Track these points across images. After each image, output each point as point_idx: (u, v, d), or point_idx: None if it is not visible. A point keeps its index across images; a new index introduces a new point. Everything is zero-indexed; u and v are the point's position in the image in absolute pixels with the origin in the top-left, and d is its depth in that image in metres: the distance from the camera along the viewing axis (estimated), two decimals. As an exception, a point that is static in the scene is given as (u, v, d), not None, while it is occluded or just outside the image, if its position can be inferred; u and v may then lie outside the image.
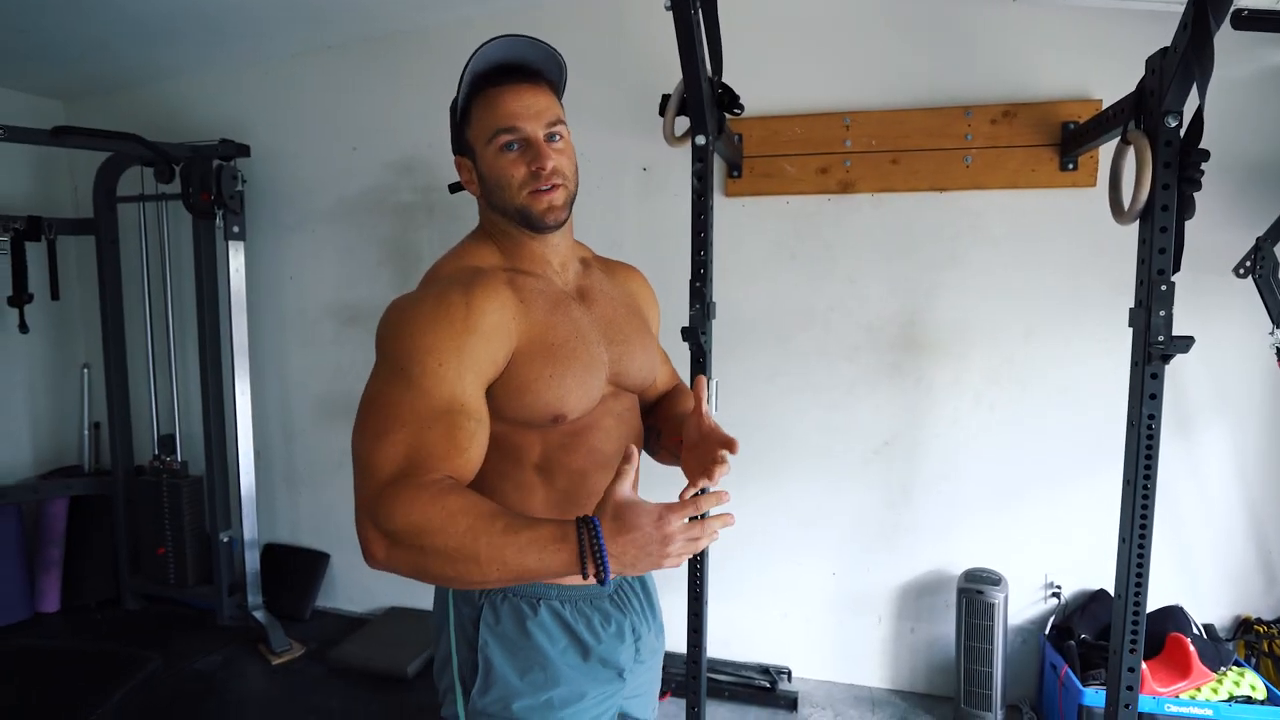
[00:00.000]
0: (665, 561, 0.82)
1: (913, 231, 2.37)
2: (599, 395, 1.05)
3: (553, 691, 1.02)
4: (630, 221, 2.59)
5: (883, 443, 2.46)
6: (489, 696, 1.02)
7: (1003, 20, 2.21)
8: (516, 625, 1.02)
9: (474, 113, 1.00)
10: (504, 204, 1.00)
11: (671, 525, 0.81)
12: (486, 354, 0.93)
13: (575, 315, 1.04)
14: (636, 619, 1.13)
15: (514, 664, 1.02)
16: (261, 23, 2.64)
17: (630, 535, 0.80)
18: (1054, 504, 2.33)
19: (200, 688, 2.54)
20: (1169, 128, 1.53)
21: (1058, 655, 2.18)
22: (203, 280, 2.88)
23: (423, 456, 0.87)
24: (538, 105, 0.98)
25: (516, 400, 0.97)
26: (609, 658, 1.07)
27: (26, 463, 3.30)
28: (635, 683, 1.16)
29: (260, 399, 3.07)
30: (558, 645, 1.04)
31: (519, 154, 0.98)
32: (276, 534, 3.23)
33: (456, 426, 0.89)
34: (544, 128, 0.98)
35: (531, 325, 0.98)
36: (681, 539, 0.81)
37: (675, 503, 0.83)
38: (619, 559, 0.80)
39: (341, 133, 2.92)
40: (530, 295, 1.00)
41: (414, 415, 0.88)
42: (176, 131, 2.97)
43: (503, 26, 2.60)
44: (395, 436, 0.88)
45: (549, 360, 0.98)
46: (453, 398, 0.90)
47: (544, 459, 1.03)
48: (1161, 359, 1.58)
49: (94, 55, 2.85)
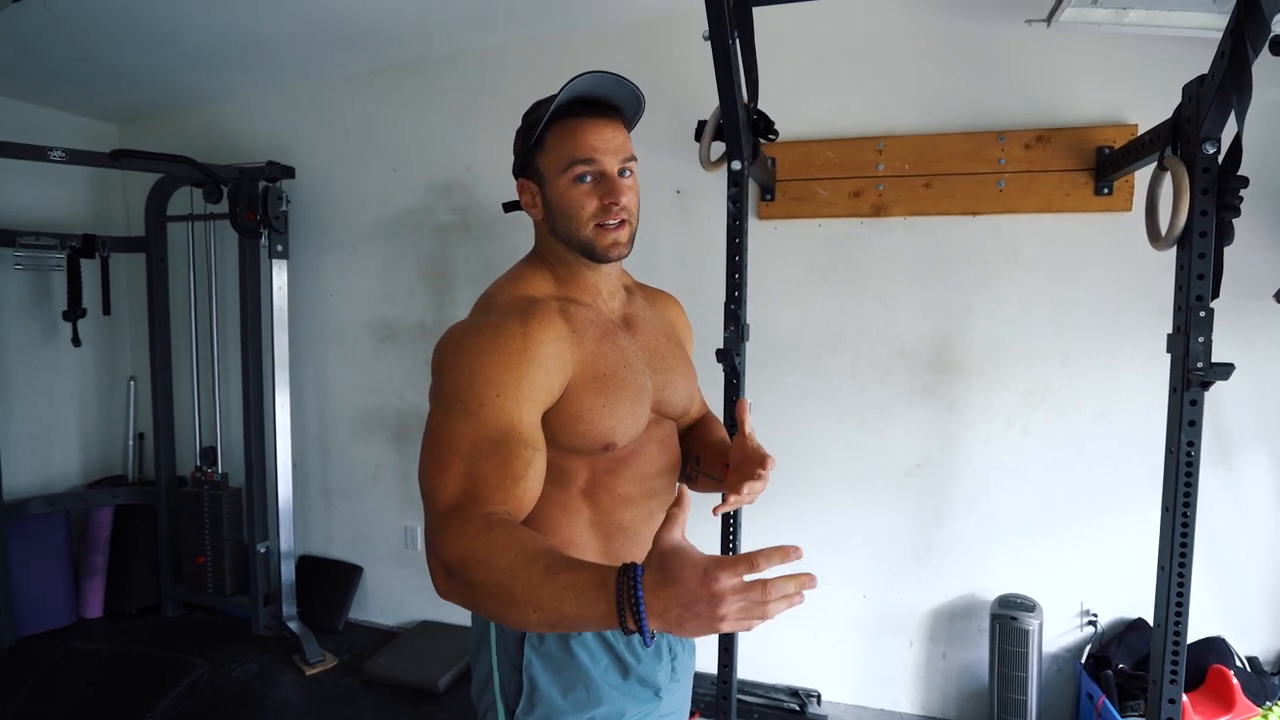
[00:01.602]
0: (720, 625, 0.68)
1: (945, 255, 2.37)
2: (645, 423, 1.07)
3: (595, 710, 1.04)
4: (665, 244, 2.63)
5: (915, 465, 2.45)
6: (534, 715, 1.03)
7: (1037, 45, 2.22)
8: (560, 644, 1.04)
9: (550, 140, 1.01)
10: (569, 233, 1.03)
11: (720, 584, 0.67)
12: (544, 384, 0.95)
13: (623, 344, 1.07)
14: (672, 637, 1.14)
15: (558, 683, 1.04)
16: (307, 49, 2.74)
17: (673, 590, 0.69)
18: (1090, 530, 2.30)
19: (238, 695, 2.59)
20: (1207, 154, 1.53)
21: (1094, 685, 2.14)
22: (246, 297, 2.98)
23: (479, 488, 0.88)
24: (615, 141, 1.01)
25: (570, 429, 0.99)
26: (648, 677, 1.09)
27: (75, 471, 3.41)
28: (670, 701, 1.17)
29: (299, 413, 3.14)
30: (600, 664, 1.05)
31: (592, 186, 1.00)
32: (311, 546, 3.29)
33: (514, 455, 0.90)
34: (618, 163, 1.01)
35: (584, 355, 1.00)
36: (736, 600, 0.68)
37: (726, 557, 0.70)
38: (661, 616, 0.70)
39: (382, 155, 3.01)
40: (582, 325, 1.02)
41: (471, 447, 0.89)
42: (225, 154, 3.09)
43: (540, 52, 2.70)
44: (454, 469, 0.89)
45: (601, 390, 1.00)
46: (510, 427, 0.90)
47: (590, 484, 1.05)
48: (1200, 386, 1.57)
49: (148, 81, 2.98)
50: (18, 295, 3.15)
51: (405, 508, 3.12)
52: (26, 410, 3.19)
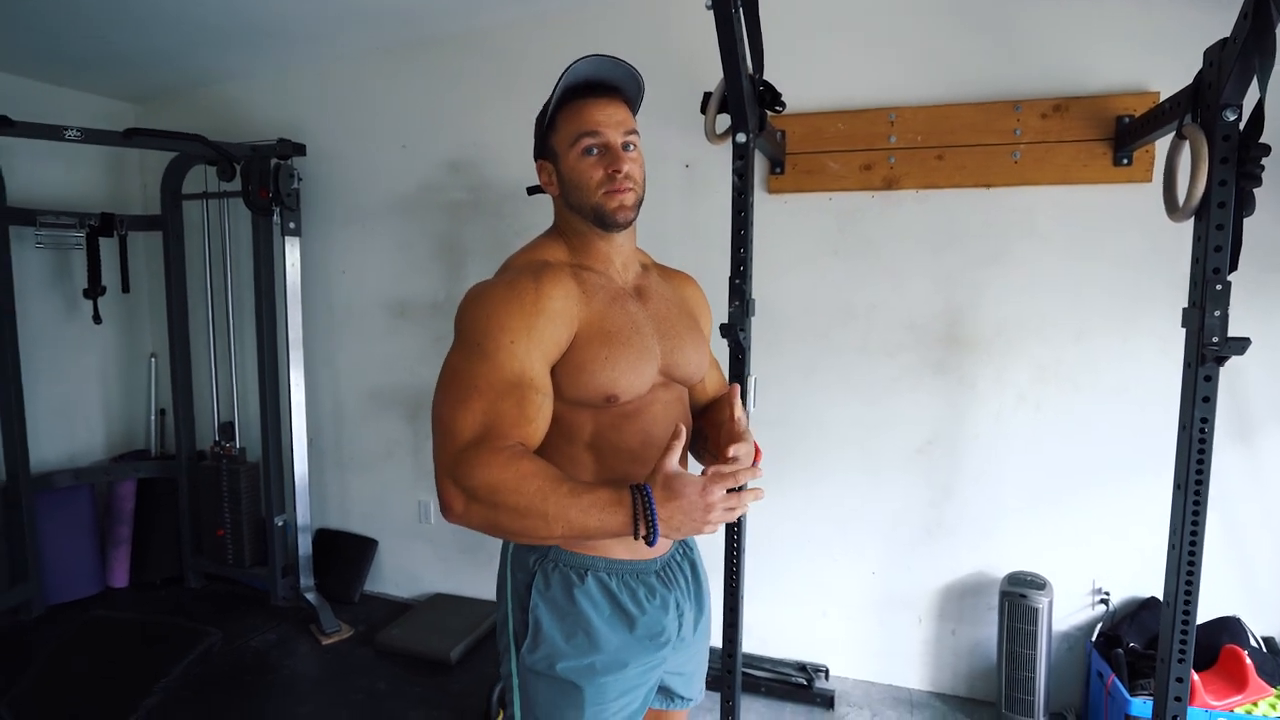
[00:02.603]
0: (706, 527, 0.94)
1: (958, 228, 2.33)
2: (650, 382, 1.12)
3: (595, 657, 1.09)
4: (674, 218, 2.61)
5: (925, 441, 2.42)
6: (537, 654, 1.10)
7: (1054, 11, 2.15)
8: (565, 592, 1.10)
9: (560, 121, 1.11)
10: (580, 202, 1.11)
11: (714, 494, 0.93)
12: (552, 335, 1.04)
13: (631, 309, 1.14)
14: (681, 596, 1.19)
15: (561, 627, 1.09)
16: (317, 27, 2.73)
17: (677, 502, 0.92)
18: (1103, 508, 2.27)
19: (256, 664, 2.65)
20: (1227, 121, 1.48)
21: (1105, 663, 2.13)
22: (260, 274, 3.00)
23: (497, 423, 0.97)
24: (617, 116, 1.10)
25: (574, 379, 1.06)
26: (654, 629, 1.13)
27: (99, 446, 3.49)
28: (678, 659, 1.22)
29: (313, 389, 3.18)
30: (602, 613, 1.10)
31: (598, 158, 1.09)
32: (328, 519, 3.35)
33: (526, 399, 1.00)
34: (621, 136, 1.10)
35: (591, 313, 1.08)
36: (721, 507, 0.93)
37: (716, 474, 0.94)
38: (667, 522, 0.92)
39: (392, 132, 3.01)
40: (592, 288, 1.11)
41: (489, 386, 0.99)
42: (238, 132, 3.11)
43: (547, 28, 2.67)
44: (473, 404, 0.98)
45: (605, 344, 1.07)
46: (523, 372, 1.00)
47: (595, 437, 1.11)
48: (1215, 361, 1.53)
49: (161, 62, 3.00)
50: (40, 274, 3.21)
51: (419, 483, 3.16)
52: (52, 386, 3.26)
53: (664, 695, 1.27)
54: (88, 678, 1.54)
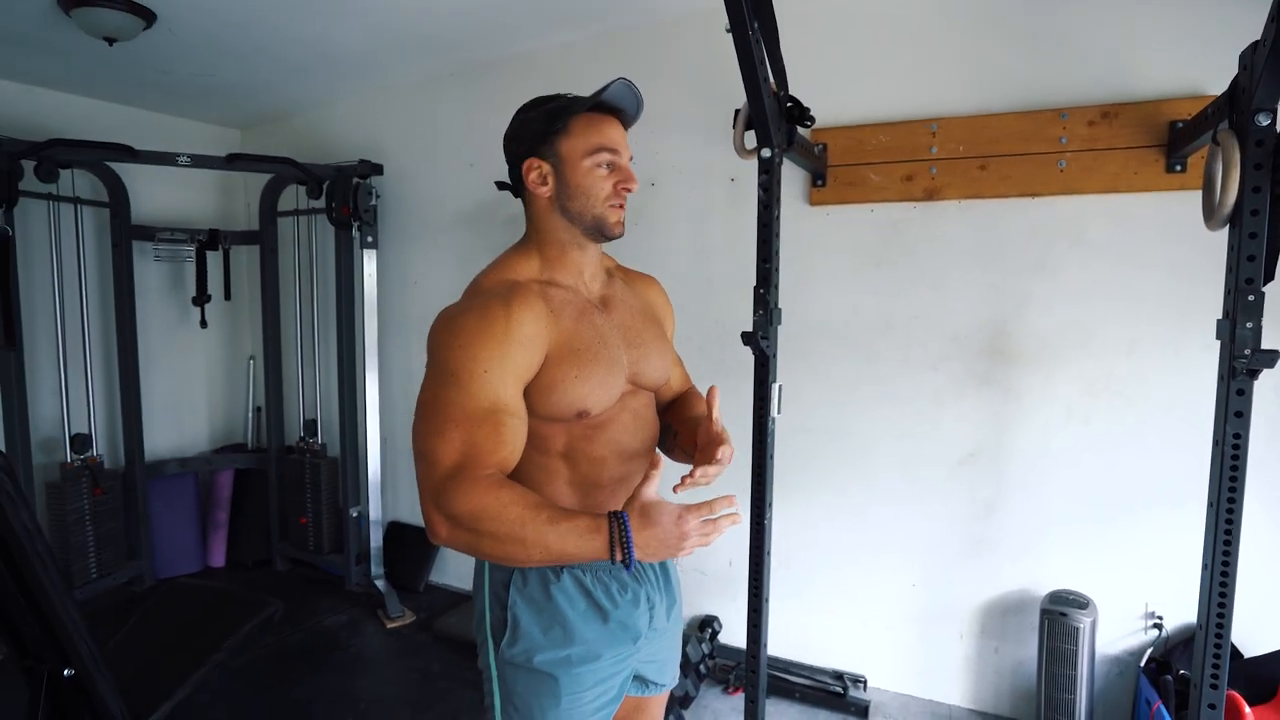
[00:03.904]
0: (679, 552, 0.99)
1: (1002, 239, 2.30)
2: (619, 394, 1.18)
3: (571, 649, 1.15)
4: (718, 229, 2.69)
5: (968, 454, 2.39)
6: (516, 648, 1.16)
7: (1101, 16, 2.11)
8: (541, 588, 1.16)
9: (577, 128, 1.14)
10: (581, 210, 1.15)
11: (689, 524, 0.97)
12: (524, 360, 1.08)
13: (598, 323, 1.18)
14: (652, 590, 1.25)
15: (538, 622, 1.16)
16: (384, 56, 2.98)
17: (653, 530, 0.97)
18: (1156, 528, 2.18)
19: (327, 641, 2.90)
20: (1260, 126, 1.44)
21: (1153, 690, 2.04)
22: (342, 284, 3.28)
23: (475, 451, 1.02)
24: (625, 139, 1.19)
25: (547, 398, 1.11)
26: (626, 622, 1.19)
27: (203, 438, 3.88)
28: (651, 649, 1.28)
29: (388, 391, 3.42)
30: (577, 608, 1.16)
31: (610, 173, 1.15)
32: (399, 513, 3.59)
33: (501, 424, 1.05)
34: (628, 156, 1.19)
35: (561, 332, 1.12)
36: (695, 535, 0.98)
37: (693, 505, 0.99)
38: (643, 548, 0.97)
39: (460, 151, 3.22)
40: (559, 306, 1.14)
41: (465, 416, 1.03)
42: (325, 154, 3.40)
43: (602, 50, 2.82)
44: (451, 434, 1.03)
45: (574, 363, 1.12)
46: (497, 399, 1.04)
47: (568, 448, 1.16)
48: (1248, 374, 1.48)
49: (259, 92, 3.34)
50: (158, 284, 3.61)
51: (480, 481, 3.33)
52: (165, 384, 3.66)
53: (639, 682, 1.31)
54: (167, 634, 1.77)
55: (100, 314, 3.33)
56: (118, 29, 2.38)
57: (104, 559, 3.13)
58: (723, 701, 2.51)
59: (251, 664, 2.69)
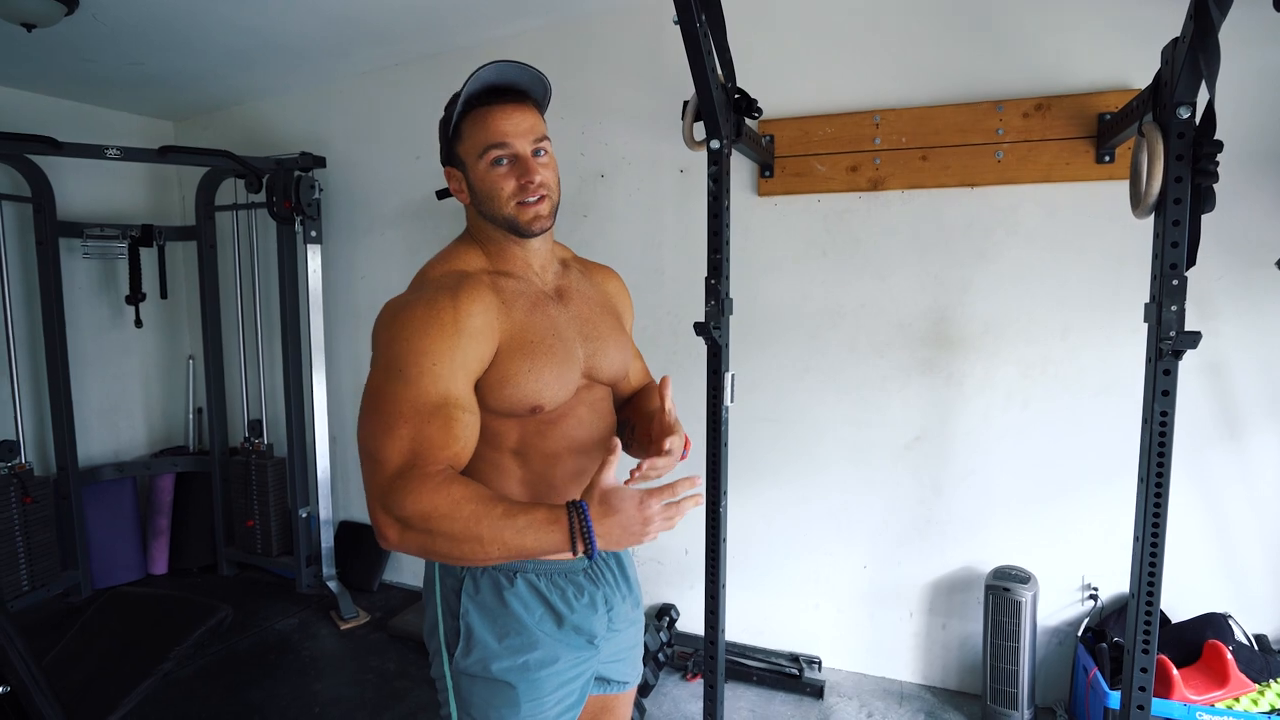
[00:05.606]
0: (644, 538, 0.96)
1: (943, 228, 2.36)
2: (574, 388, 1.14)
3: (529, 655, 1.11)
4: (669, 221, 2.70)
5: (914, 438, 2.46)
6: (470, 658, 1.11)
7: (1036, 10, 2.18)
8: (495, 595, 1.12)
9: (465, 129, 1.08)
10: (493, 213, 1.09)
11: (651, 509, 0.95)
12: (474, 353, 1.03)
13: (553, 314, 1.13)
14: (610, 590, 1.22)
15: (493, 630, 1.11)
16: (333, 45, 2.89)
17: (615, 518, 0.94)
18: (1092, 505, 2.28)
19: (279, 645, 2.83)
20: (1181, 119, 1.50)
21: (1089, 657, 2.14)
22: (285, 280, 3.19)
23: (425, 448, 0.97)
24: (525, 124, 1.08)
25: (498, 392, 1.06)
26: (582, 626, 1.16)
27: (141, 442, 3.73)
28: (610, 649, 1.25)
29: (336, 389, 3.35)
30: (534, 614, 1.13)
31: (508, 168, 1.07)
32: (350, 512, 3.52)
33: (452, 419, 0.99)
34: (531, 144, 1.08)
35: (512, 324, 1.07)
36: (659, 520, 0.95)
37: (654, 489, 0.96)
38: (605, 537, 0.94)
39: (406, 143, 3.15)
40: (511, 297, 1.09)
41: (414, 411, 0.98)
42: (265, 146, 3.30)
43: (550, 40, 2.79)
44: (399, 431, 0.97)
45: (528, 356, 1.07)
46: (446, 394, 0.99)
47: (520, 444, 1.12)
48: (1173, 355, 1.56)
49: (193, 83, 3.20)
50: (88, 282, 3.45)
51: (434, 478, 3.29)
52: (98, 387, 3.50)
53: (603, 682, 1.29)
54: (111, 646, 1.71)
55: (26, 314, 3.16)
56: (36, 14, 2.25)
57: (36, 570, 2.99)
58: (682, 688, 2.54)
59: (201, 672, 2.61)
